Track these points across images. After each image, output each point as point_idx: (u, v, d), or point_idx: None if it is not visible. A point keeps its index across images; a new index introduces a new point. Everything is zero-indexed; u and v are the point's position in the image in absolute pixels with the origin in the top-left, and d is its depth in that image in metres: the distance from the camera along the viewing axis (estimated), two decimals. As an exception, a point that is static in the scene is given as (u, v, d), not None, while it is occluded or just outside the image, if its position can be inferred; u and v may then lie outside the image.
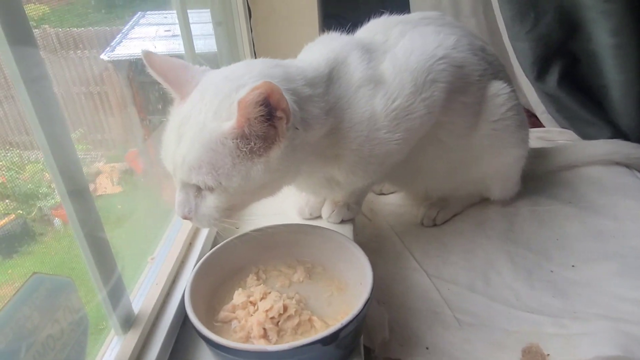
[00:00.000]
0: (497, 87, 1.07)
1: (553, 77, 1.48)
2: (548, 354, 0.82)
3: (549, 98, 1.57)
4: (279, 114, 0.68)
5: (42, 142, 0.55)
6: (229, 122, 0.68)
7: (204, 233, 0.96)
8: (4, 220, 0.62)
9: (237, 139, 0.68)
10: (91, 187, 0.73)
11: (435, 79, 0.91)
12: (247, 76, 0.74)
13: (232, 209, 0.75)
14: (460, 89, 0.99)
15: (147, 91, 1.07)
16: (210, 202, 0.73)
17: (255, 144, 0.69)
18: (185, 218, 0.74)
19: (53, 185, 0.70)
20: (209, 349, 0.72)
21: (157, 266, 0.85)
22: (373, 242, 1.19)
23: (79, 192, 0.61)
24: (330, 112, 0.82)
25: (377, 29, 1.01)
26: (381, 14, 1.06)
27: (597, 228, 1.17)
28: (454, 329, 0.91)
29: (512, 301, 0.97)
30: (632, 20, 1.31)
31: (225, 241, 0.87)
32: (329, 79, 0.85)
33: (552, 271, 1.04)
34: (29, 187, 0.69)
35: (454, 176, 1.17)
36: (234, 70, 0.78)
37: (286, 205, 1.10)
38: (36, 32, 0.58)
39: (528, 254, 1.10)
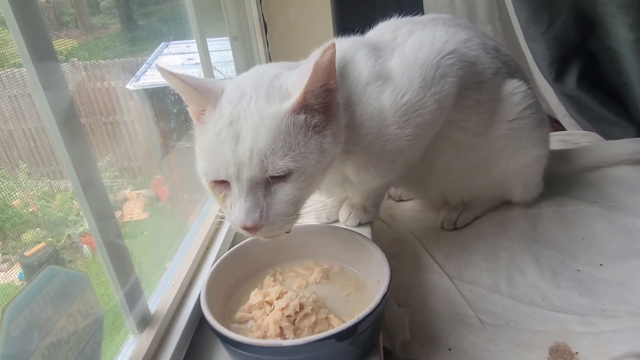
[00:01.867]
0: (513, 86, 1.06)
1: (572, 78, 1.46)
2: (577, 352, 0.79)
3: (569, 99, 1.54)
4: (332, 83, 0.70)
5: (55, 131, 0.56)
6: (290, 100, 0.69)
7: (221, 237, 0.96)
8: (34, 249, 0.63)
9: (305, 114, 0.69)
10: (118, 214, 0.74)
11: (445, 73, 0.90)
12: (277, 68, 0.76)
13: (301, 201, 0.73)
14: (472, 86, 0.98)
15: (171, 119, 1.09)
16: (284, 195, 0.69)
17: (317, 117, 0.70)
18: (253, 227, 0.68)
19: (82, 213, 0.71)
20: (225, 347, 0.71)
21: (174, 269, 0.85)
22: (393, 246, 1.17)
23: (98, 197, 0.62)
24: (343, 108, 0.82)
25: (385, 29, 1.01)
26: (390, 16, 1.06)
27: (625, 227, 1.12)
28: (477, 329, 0.88)
29: (538, 301, 0.93)
30: (652, 14, 1.29)
31: (241, 243, 0.87)
32: (340, 76, 0.85)
33: (578, 270, 1.01)
34: (58, 215, 0.70)
35: (473, 178, 1.15)
36: (258, 70, 0.79)
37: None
38: (65, 65, 0.61)
39: (553, 253, 1.07)
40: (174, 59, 1.18)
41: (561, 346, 0.80)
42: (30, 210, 0.64)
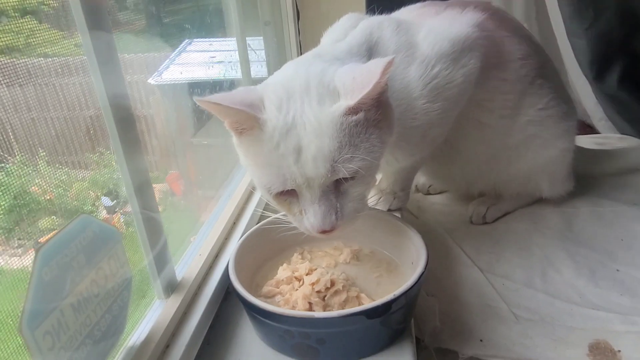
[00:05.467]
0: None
1: (613, 77, 1.41)
2: (619, 350, 0.75)
3: (608, 99, 1.48)
4: (384, 89, 0.67)
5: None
6: (344, 103, 0.64)
7: (248, 213, 0.94)
8: (49, 236, 0.63)
9: (363, 111, 0.65)
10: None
11: (472, 47, 0.89)
12: (317, 63, 0.71)
13: (368, 193, 0.72)
14: (497, 66, 0.97)
15: (190, 115, 1.09)
16: (354, 192, 0.68)
17: (373, 112, 0.66)
18: (331, 229, 0.67)
19: (97, 203, 0.72)
20: (251, 319, 0.69)
21: (201, 240, 0.83)
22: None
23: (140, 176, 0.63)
24: None
25: (411, 9, 1.01)
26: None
27: (667, 230, 1.08)
28: (510, 323, 0.84)
29: (575, 298, 0.89)
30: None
31: (270, 218, 0.85)
32: (368, 49, 0.83)
33: (618, 270, 0.96)
34: (74, 204, 0.69)
35: (497, 165, 1.12)
36: (296, 69, 0.73)
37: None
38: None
39: (590, 253, 1.02)
40: (197, 57, 1.18)
41: (602, 344, 0.76)
42: (48, 197, 0.63)
